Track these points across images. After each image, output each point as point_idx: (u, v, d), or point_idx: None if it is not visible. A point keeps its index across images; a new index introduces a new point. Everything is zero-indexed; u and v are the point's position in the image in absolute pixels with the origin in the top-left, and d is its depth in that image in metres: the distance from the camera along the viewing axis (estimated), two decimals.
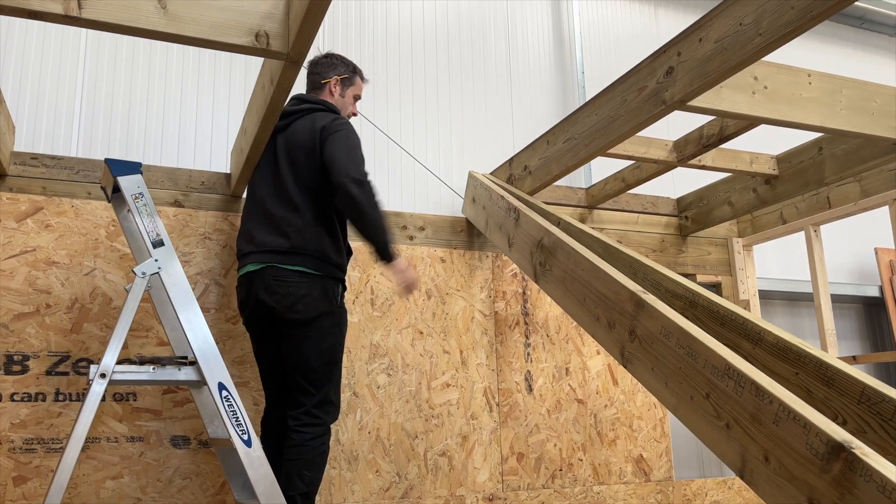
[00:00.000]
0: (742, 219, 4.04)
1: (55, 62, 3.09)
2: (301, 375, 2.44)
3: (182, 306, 2.32)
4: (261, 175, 2.61)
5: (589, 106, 2.72)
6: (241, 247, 2.56)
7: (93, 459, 2.62)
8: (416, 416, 3.13)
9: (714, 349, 1.64)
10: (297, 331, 2.43)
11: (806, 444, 1.36)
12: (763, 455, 1.47)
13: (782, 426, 1.42)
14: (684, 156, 3.06)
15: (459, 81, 3.92)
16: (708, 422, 1.64)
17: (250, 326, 2.57)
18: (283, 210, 2.48)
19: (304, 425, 2.42)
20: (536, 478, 3.29)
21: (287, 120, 2.59)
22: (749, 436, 1.51)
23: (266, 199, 2.53)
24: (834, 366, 1.64)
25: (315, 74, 2.75)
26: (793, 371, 1.74)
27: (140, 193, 2.37)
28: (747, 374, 1.53)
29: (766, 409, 1.46)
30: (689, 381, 1.71)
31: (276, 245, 2.45)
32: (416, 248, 3.33)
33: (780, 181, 3.31)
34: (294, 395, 2.47)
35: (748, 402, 1.52)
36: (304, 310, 2.41)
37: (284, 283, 2.42)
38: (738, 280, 3.93)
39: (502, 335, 3.39)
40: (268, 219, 2.50)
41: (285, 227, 2.46)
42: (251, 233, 2.53)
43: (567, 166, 2.84)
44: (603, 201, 3.67)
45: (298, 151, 2.52)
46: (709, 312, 2.02)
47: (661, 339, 1.83)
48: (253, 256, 2.48)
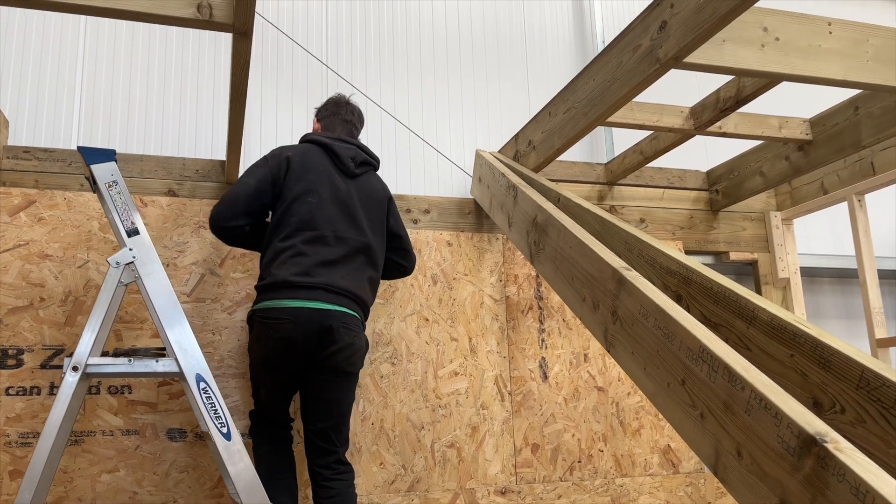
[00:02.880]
0: (780, 190, 3.75)
1: (55, 54, 3.08)
2: (334, 425, 2.39)
3: (157, 296, 2.26)
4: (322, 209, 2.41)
5: (587, 71, 2.52)
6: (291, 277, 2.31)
7: (88, 453, 2.60)
8: (423, 406, 3.01)
9: (689, 329, 1.45)
10: (345, 381, 2.40)
11: (777, 436, 1.17)
12: (735, 449, 1.28)
13: (754, 416, 1.23)
14: (701, 122, 2.83)
15: (471, 57, 3.75)
16: (684, 411, 1.46)
17: (284, 363, 2.33)
18: (356, 259, 2.44)
19: (340, 473, 2.38)
20: (553, 470, 3.12)
21: (361, 170, 2.58)
22: (722, 427, 1.32)
23: (333, 240, 2.39)
24: (830, 345, 1.42)
25: (351, 125, 2.72)
26: (788, 353, 1.53)
27: (114, 181, 2.32)
28: (720, 356, 1.34)
29: (738, 396, 1.28)
30: (666, 365, 1.53)
31: (347, 290, 2.36)
32: (421, 232, 3.19)
33: (813, 147, 3.03)
34: (321, 444, 2.38)
35: (721, 389, 1.33)
36: (357, 362, 2.42)
37: (351, 333, 2.35)
38: (777, 257, 3.65)
39: (514, 321, 3.22)
40: (337, 261, 2.38)
41: (364, 277, 2.45)
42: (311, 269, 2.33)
43: (568, 138, 2.65)
44: (622, 176, 3.45)
45: (375, 210, 2.56)
46: (702, 289, 1.82)
47: (640, 319, 1.65)
48: (318, 293, 2.30)
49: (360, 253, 2.44)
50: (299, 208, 2.40)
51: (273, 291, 2.32)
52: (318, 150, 2.53)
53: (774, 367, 1.57)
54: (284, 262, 2.34)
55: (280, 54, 3.40)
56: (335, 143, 2.54)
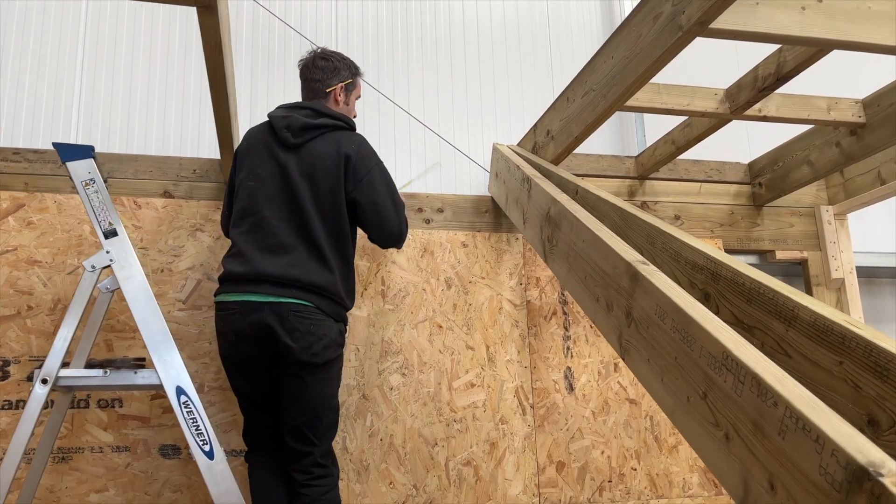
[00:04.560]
0: (832, 183, 3.42)
1: (53, 55, 2.97)
2: (306, 421, 2.16)
3: (136, 302, 2.09)
4: (262, 190, 2.24)
5: (605, 49, 2.28)
6: (234, 269, 2.17)
7: (76, 471, 2.45)
8: (436, 420, 2.77)
9: (710, 331, 1.19)
10: (309, 374, 2.16)
11: (819, 466, 0.91)
12: (768, 480, 1.02)
13: (789, 439, 0.97)
14: (738, 105, 2.54)
15: (490, 49, 3.53)
16: (706, 431, 1.20)
17: (242, 363, 2.20)
18: (301, 242, 2.20)
19: (316, 478, 2.15)
20: (580, 490, 2.85)
21: (302, 138, 2.27)
22: (751, 452, 1.06)
23: (276, 224, 2.20)
24: (888, 350, 1.15)
25: (316, 82, 2.42)
26: (836, 359, 1.26)
27: (91, 179, 2.16)
28: (746, 363, 1.08)
29: (770, 413, 1.02)
30: (686, 375, 1.27)
31: (290, 278, 2.14)
32: (434, 233, 2.97)
33: (867, 130, 2.71)
34: (295, 446, 2.17)
35: (749, 404, 1.07)
36: (322, 352, 2.16)
37: (306, 321, 2.13)
38: (830, 255, 3.32)
39: (536, 327, 2.97)
40: (280, 246, 2.18)
41: (304, 262, 2.18)
42: (252, 258, 2.16)
43: (587, 124, 2.40)
44: (654, 170, 3.18)
45: (322, 180, 2.24)
46: (733, 286, 1.55)
47: (656, 320, 1.40)
48: (259, 286, 2.13)
49: (305, 233, 2.20)
50: (242, 194, 2.27)
51: (223, 285, 2.20)
52: (264, 127, 2.35)
53: (820, 378, 1.30)
54: (230, 255, 2.22)
55: (287, 48, 3.23)
56: (274, 115, 2.33)
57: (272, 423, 2.26)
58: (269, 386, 2.23)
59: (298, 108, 2.35)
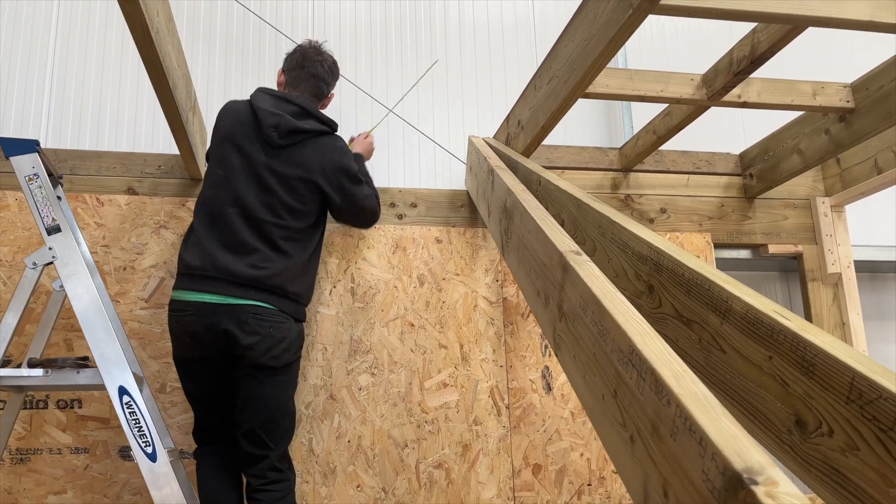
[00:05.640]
0: (828, 173, 3.26)
1: (24, 50, 2.95)
2: (262, 424, 2.10)
3: (79, 300, 2.04)
4: (230, 182, 2.19)
5: (566, 33, 2.17)
6: (193, 263, 2.12)
7: (34, 473, 2.40)
8: (406, 421, 2.69)
9: (620, 323, 1.09)
10: (267, 377, 2.11)
11: (702, 471, 0.81)
12: (662, 486, 0.92)
13: (679, 441, 0.87)
14: (715, 90, 2.42)
15: (473, 42, 3.43)
16: (616, 433, 1.10)
17: (196, 364, 2.15)
18: (264, 243, 2.16)
19: (272, 483, 2.09)
20: (558, 494, 2.74)
21: (288, 140, 2.23)
22: (650, 455, 0.96)
23: (239, 221, 2.15)
24: (814, 344, 1.04)
25: (320, 80, 2.44)
26: (766, 354, 1.15)
27: (35, 175, 2.12)
28: (647, 358, 0.98)
29: (665, 413, 0.92)
30: (601, 371, 1.17)
31: (250, 277, 2.09)
32: (407, 229, 2.89)
33: (856, 115, 2.57)
34: (250, 449, 2.11)
35: (649, 403, 0.97)
36: (281, 355, 2.12)
37: (266, 324, 2.09)
38: (826, 249, 3.17)
39: (513, 325, 2.87)
40: (241, 245, 2.13)
41: (265, 262, 2.13)
42: (212, 252, 2.11)
43: (551, 112, 2.30)
44: (638, 161, 3.06)
45: (298, 186, 2.23)
46: (674, 277, 1.45)
47: (580, 313, 1.30)
48: (217, 284, 2.08)
49: (269, 234, 2.16)
50: (209, 181, 2.22)
51: (179, 279, 2.15)
52: (247, 112, 2.28)
53: (751, 374, 1.19)
54: (187, 246, 2.17)
55: (262, 43, 3.17)
56: (261, 108, 2.26)
57: (225, 427, 2.20)
58: (224, 389, 2.17)
59: (287, 103, 2.30)
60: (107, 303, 2.31)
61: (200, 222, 2.19)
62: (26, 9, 3.00)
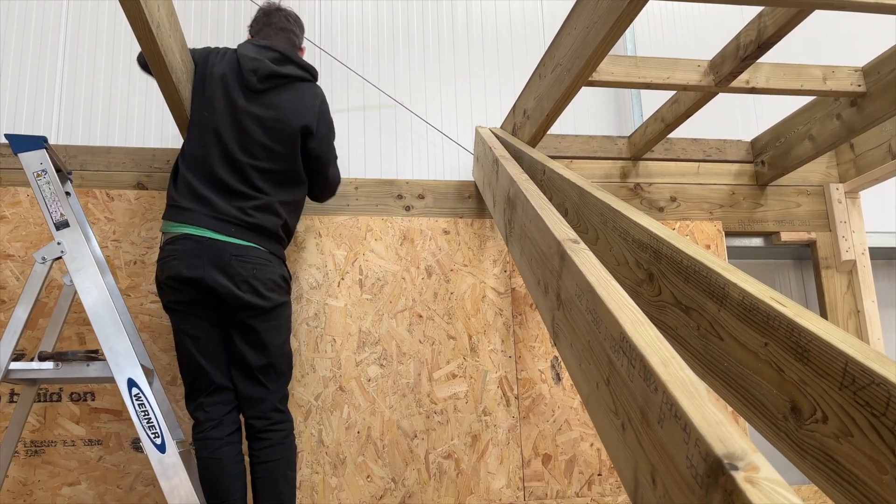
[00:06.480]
0: (842, 159, 3.22)
1: (35, 48, 2.98)
2: (261, 367, 2.16)
3: (87, 293, 2.06)
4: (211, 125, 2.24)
5: (570, 20, 2.16)
6: (182, 201, 2.18)
7: (48, 464, 2.44)
8: (416, 412, 2.70)
9: (612, 310, 1.09)
10: (260, 321, 2.16)
11: (687, 457, 0.81)
12: (650, 473, 0.92)
13: (666, 428, 0.87)
14: (722, 76, 2.39)
15: (480, 26, 3.41)
16: (609, 420, 1.10)
17: (189, 305, 2.15)
18: (251, 182, 2.22)
19: (276, 423, 2.16)
20: (568, 484, 2.74)
21: (266, 84, 2.29)
22: (639, 442, 0.96)
23: (229, 162, 2.21)
24: (808, 329, 1.03)
25: (292, 34, 2.51)
26: (762, 341, 1.14)
27: (43, 171, 2.14)
28: (637, 345, 0.98)
29: (653, 400, 0.91)
30: (595, 359, 1.17)
31: (239, 218, 2.16)
32: (414, 220, 2.89)
33: (868, 100, 2.53)
34: (251, 392, 2.16)
35: (638, 390, 0.97)
36: (271, 294, 2.17)
37: (248, 265, 2.14)
38: (840, 235, 3.12)
39: (522, 315, 2.87)
40: (229, 185, 2.19)
41: (252, 202, 2.20)
42: (201, 193, 2.17)
43: (555, 101, 2.29)
44: (647, 149, 3.03)
45: (278, 129, 2.27)
46: (672, 264, 1.43)
47: (576, 301, 1.30)
48: (206, 220, 2.14)
49: (252, 177, 2.22)
50: (192, 121, 2.29)
51: (168, 211, 2.22)
52: (229, 59, 2.34)
53: (748, 361, 1.18)
54: (175, 183, 2.24)
55: None
56: (243, 54, 2.32)
57: (221, 378, 2.17)
58: (218, 335, 2.19)
59: (268, 50, 2.37)
60: (116, 297, 2.34)
61: (184, 162, 2.26)
62: (36, 8, 3.03)
